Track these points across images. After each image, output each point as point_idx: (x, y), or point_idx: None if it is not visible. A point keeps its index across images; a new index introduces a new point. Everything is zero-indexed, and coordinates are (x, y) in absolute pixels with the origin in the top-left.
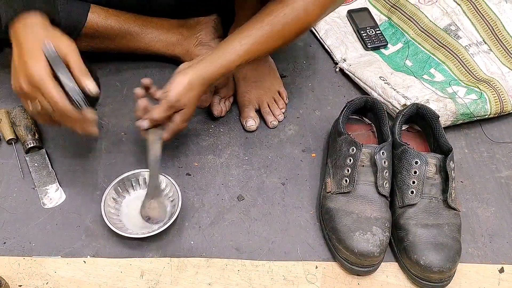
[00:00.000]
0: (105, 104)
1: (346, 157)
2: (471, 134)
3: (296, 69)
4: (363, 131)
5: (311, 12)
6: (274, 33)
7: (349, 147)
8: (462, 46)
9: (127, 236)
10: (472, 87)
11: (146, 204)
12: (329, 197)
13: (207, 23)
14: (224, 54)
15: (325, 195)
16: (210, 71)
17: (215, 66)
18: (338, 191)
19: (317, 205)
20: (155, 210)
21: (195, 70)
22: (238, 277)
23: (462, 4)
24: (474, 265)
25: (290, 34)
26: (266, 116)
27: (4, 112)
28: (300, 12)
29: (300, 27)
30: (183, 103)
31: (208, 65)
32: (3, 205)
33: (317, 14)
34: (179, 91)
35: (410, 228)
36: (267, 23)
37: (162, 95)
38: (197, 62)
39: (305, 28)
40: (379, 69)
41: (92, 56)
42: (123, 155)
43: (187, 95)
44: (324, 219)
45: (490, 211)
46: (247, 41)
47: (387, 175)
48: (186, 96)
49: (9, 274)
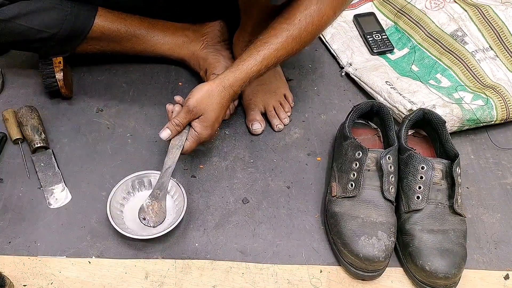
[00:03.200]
0: (111, 106)
1: (352, 161)
2: (477, 140)
3: (302, 73)
4: (369, 135)
5: (325, 14)
6: (291, 39)
7: (355, 151)
8: (468, 52)
9: (132, 237)
10: (479, 93)
11: (147, 204)
12: (334, 201)
13: (213, 27)
14: (242, 62)
15: (330, 199)
16: (230, 79)
17: (234, 74)
18: (343, 195)
19: (322, 209)
20: (153, 213)
21: (215, 79)
22: (242, 280)
23: (468, 10)
24: (479, 272)
25: (306, 38)
26: (272, 120)
27: (11, 112)
28: (315, 17)
29: (315, 31)
30: (201, 108)
31: (227, 74)
32: (9, 204)
33: (331, 16)
34: (197, 97)
35: (415, 233)
36: (283, 29)
37: (184, 102)
38: (219, 73)
39: (320, 31)
40: (385, 73)
41: (99, 58)
42: (129, 156)
43: (204, 101)
44: (329, 223)
45: (495, 217)
46: (265, 48)
47: (393, 180)
48: (204, 102)
49: (14, 273)
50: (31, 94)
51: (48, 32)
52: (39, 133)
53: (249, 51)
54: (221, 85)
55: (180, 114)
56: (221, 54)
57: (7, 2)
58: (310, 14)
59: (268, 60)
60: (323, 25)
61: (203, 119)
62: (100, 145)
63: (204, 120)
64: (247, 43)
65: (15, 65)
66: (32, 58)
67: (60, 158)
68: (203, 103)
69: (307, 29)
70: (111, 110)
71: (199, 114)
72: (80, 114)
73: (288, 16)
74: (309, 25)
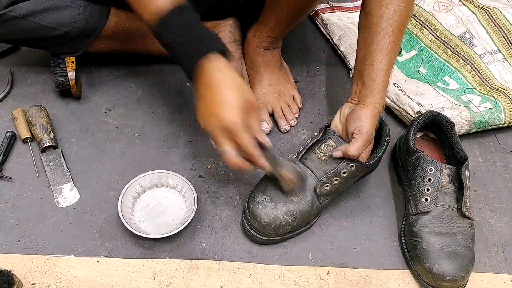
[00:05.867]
0: (119, 106)
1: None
2: (485, 143)
3: (310, 74)
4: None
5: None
6: (398, 31)
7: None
8: (476, 55)
9: (140, 237)
10: (487, 95)
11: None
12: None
13: (224, 26)
14: (376, 80)
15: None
16: (381, 102)
17: (381, 96)
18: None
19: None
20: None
21: (368, 106)
22: (249, 281)
23: (477, 12)
24: (486, 275)
25: (407, 21)
26: (279, 120)
27: (21, 111)
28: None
29: (410, 7)
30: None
31: (375, 98)
32: (18, 203)
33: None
34: (369, 124)
35: (423, 235)
36: (383, 28)
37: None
38: (365, 99)
39: (412, 7)
40: (393, 75)
41: (107, 58)
42: (137, 156)
43: (373, 128)
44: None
45: (503, 220)
46: (378, 57)
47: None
48: (373, 129)
49: (23, 272)
50: (40, 93)
51: (61, 30)
52: (48, 132)
53: (371, 67)
54: (377, 109)
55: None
56: (231, 55)
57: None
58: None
59: (391, 64)
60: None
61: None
62: (109, 144)
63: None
64: (265, 39)
65: (24, 64)
66: (41, 57)
67: (69, 158)
68: (372, 129)
69: (405, 14)
70: (119, 110)
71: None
72: (88, 114)
73: (380, 12)
74: (406, 10)
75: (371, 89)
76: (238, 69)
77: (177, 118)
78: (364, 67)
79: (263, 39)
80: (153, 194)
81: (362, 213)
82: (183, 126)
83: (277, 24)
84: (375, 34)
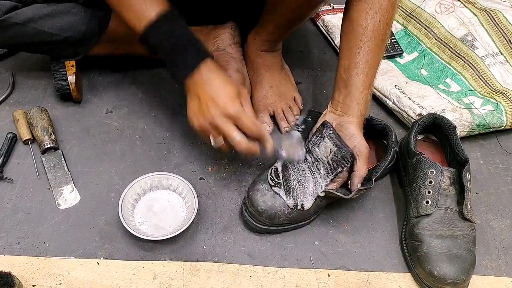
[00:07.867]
0: (120, 107)
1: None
2: (486, 145)
3: (311, 76)
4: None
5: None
6: (381, 42)
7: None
8: (478, 57)
9: (140, 239)
10: (488, 98)
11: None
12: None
13: (224, 29)
14: (362, 93)
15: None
16: (365, 113)
17: (365, 108)
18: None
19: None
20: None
21: (355, 119)
22: (250, 283)
23: (478, 14)
24: (487, 278)
25: (389, 31)
26: (280, 122)
27: (22, 112)
28: (389, 8)
29: (392, 18)
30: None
31: (362, 111)
32: (18, 204)
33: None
34: (360, 140)
35: (424, 238)
36: (368, 39)
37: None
38: (350, 113)
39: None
40: (394, 78)
41: (108, 60)
42: (138, 157)
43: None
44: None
45: (504, 223)
46: (364, 69)
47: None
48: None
49: (23, 273)
50: (41, 95)
51: (61, 36)
52: (49, 134)
53: (357, 79)
54: (362, 119)
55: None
56: (232, 57)
57: (21, 6)
58: (385, 9)
59: (372, 75)
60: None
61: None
62: (109, 146)
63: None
64: (264, 42)
65: (25, 67)
66: (42, 60)
67: (70, 159)
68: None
69: (388, 24)
70: (120, 111)
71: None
72: (89, 116)
73: (366, 22)
74: (389, 20)
75: (358, 102)
76: (239, 70)
77: (178, 120)
78: (349, 78)
79: (262, 43)
80: (154, 196)
81: (362, 216)
82: (184, 128)
83: (276, 28)
84: (361, 45)
